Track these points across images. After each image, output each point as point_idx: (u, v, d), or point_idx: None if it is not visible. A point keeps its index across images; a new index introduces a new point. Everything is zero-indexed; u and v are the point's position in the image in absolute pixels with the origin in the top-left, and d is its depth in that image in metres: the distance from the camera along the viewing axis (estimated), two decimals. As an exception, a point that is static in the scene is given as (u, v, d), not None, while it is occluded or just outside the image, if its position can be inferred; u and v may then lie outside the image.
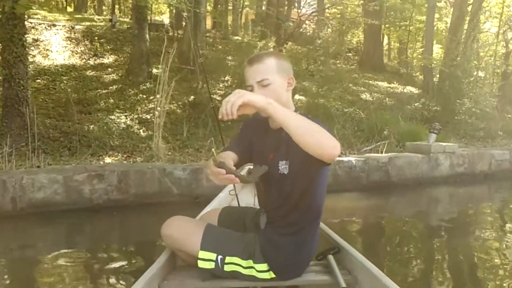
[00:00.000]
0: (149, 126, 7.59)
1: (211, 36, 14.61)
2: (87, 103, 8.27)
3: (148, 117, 8.08)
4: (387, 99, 12.10)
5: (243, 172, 3.85)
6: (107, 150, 6.63)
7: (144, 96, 9.04)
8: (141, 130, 7.61)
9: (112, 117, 7.81)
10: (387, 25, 17.65)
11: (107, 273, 3.23)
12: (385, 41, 23.07)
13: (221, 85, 10.11)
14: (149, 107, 8.50)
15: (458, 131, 10.23)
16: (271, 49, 10.05)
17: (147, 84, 9.54)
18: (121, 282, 3.08)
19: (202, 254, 1.98)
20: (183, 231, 2.08)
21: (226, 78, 10.31)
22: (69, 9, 22.14)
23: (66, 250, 3.74)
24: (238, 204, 2.80)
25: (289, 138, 1.73)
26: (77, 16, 16.85)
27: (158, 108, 7.04)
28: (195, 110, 8.77)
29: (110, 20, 14.82)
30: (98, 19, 16.06)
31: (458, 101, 10.51)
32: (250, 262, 2.01)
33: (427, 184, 6.80)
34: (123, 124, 7.66)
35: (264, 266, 2.01)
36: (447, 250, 4.20)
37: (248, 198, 3.07)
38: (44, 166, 5.09)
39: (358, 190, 6.21)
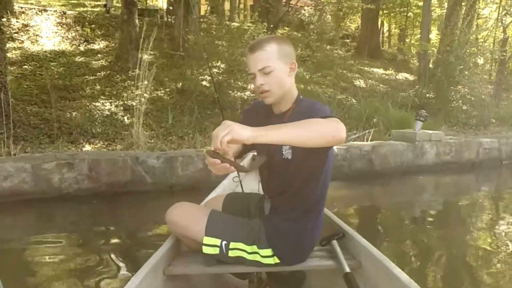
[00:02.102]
0: (133, 113, 7.51)
1: (206, 21, 14.45)
2: (73, 89, 8.18)
3: (134, 103, 8.00)
4: (381, 85, 11.97)
5: (247, 158, 3.86)
6: (88, 137, 6.57)
7: (132, 82, 8.92)
8: (125, 117, 7.54)
9: (97, 103, 7.73)
10: (385, 11, 17.41)
11: (79, 265, 3.21)
12: (386, 27, 22.85)
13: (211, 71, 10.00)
14: (135, 93, 8.41)
15: (451, 118, 10.10)
16: (262, 34, 9.90)
17: (136, 70, 9.43)
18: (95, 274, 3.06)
19: (207, 239, 1.99)
20: (187, 217, 2.08)
21: (217, 64, 10.18)
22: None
23: (35, 240, 3.72)
24: (242, 190, 2.82)
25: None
26: (72, 1, 16.69)
27: (145, 95, 6.96)
28: (182, 97, 8.69)
29: (105, 6, 14.67)
30: (90, 4, 15.85)
31: (452, 87, 10.38)
32: (254, 248, 2.02)
33: (412, 173, 6.72)
34: (107, 111, 7.58)
35: (268, 252, 2.01)
36: (429, 240, 4.17)
37: (252, 185, 3.07)
38: (15, 154, 5.01)
39: (339, 179, 6.11)
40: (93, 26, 12.01)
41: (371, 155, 6.44)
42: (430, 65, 12.50)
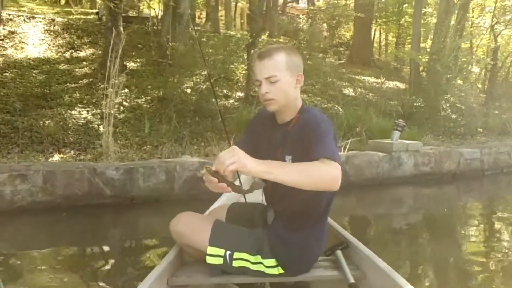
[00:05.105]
0: (110, 122, 7.41)
1: (199, 29, 14.40)
2: (51, 97, 8.10)
3: (112, 112, 7.90)
4: (370, 94, 11.85)
5: None
6: (59, 147, 6.49)
7: (112, 90, 8.85)
8: (101, 126, 7.43)
9: (73, 112, 7.65)
10: (378, 19, 17.34)
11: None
12: (383, 36, 22.76)
13: (197, 79, 9.94)
14: (115, 101, 8.32)
15: (437, 127, 9.95)
16: (247, 41, 9.83)
17: (120, 78, 9.36)
18: None
19: (211, 249, 2.00)
20: (191, 227, 2.09)
21: (201, 72, 10.09)
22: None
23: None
24: (245, 200, 2.80)
25: (294, 133, 1.88)
26: (66, 9, 16.67)
27: (124, 103, 6.85)
28: (163, 105, 8.60)
29: (97, 13, 14.68)
30: (80, 11, 15.85)
31: (439, 97, 10.24)
32: (258, 258, 2.03)
33: (388, 184, 6.57)
34: (82, 119, 7.49)
35: (272, 262, 2.03)
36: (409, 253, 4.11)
37: (256, 195, 3.04)
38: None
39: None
40: (79, 32, 11.99)
41: (345, 166, 6.28)
42: (423, 74, 12.40)
